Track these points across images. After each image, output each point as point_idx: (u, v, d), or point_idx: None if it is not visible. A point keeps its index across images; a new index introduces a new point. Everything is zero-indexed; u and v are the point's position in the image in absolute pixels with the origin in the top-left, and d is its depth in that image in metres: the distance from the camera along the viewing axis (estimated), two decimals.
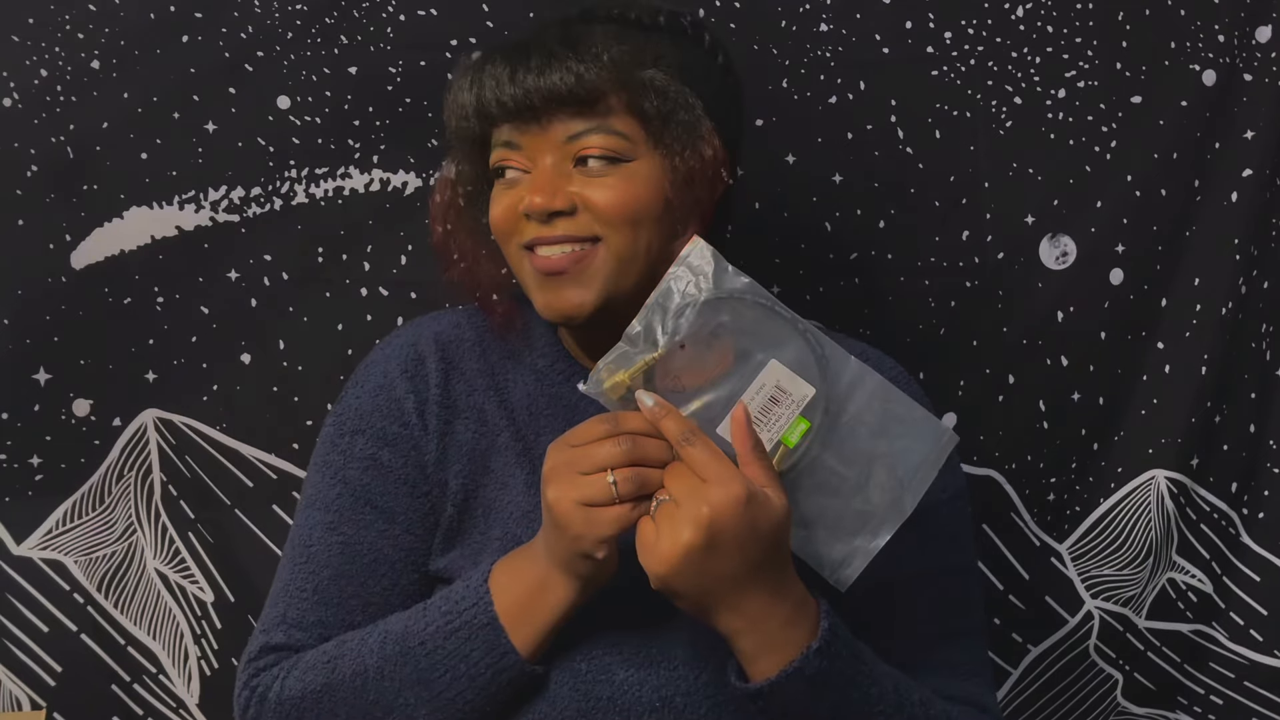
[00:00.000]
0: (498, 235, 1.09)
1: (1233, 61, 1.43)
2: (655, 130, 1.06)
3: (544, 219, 1.04)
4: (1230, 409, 1.47)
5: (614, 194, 1.04)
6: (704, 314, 0.95)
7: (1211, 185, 1.45)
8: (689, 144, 1.06)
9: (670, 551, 0.91)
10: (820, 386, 0.95)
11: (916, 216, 1.43)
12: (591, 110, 1.04)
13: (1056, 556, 1.48)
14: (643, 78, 1.05)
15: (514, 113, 1.05)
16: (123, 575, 1.41)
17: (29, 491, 1.38)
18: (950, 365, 1.45)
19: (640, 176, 1.05)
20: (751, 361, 0.95)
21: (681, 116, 1.06)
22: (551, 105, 1.04)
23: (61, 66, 1.34)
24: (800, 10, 1.40)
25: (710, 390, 0.95)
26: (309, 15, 1.37)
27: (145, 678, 1.42)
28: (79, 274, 1.36)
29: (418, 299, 1.39)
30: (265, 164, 1.37)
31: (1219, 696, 1.50)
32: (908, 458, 0.96)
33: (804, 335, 0.95)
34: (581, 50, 1.04)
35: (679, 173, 1.06)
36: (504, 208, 1.08)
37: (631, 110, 1.05)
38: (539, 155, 1.06)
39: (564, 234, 1.04)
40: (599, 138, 1.04)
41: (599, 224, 1.04)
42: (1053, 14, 1.42)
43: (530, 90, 1.03)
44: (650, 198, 1.06)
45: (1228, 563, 1.49)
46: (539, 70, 1.04)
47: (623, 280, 1.05)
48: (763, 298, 0.96)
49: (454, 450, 1.10)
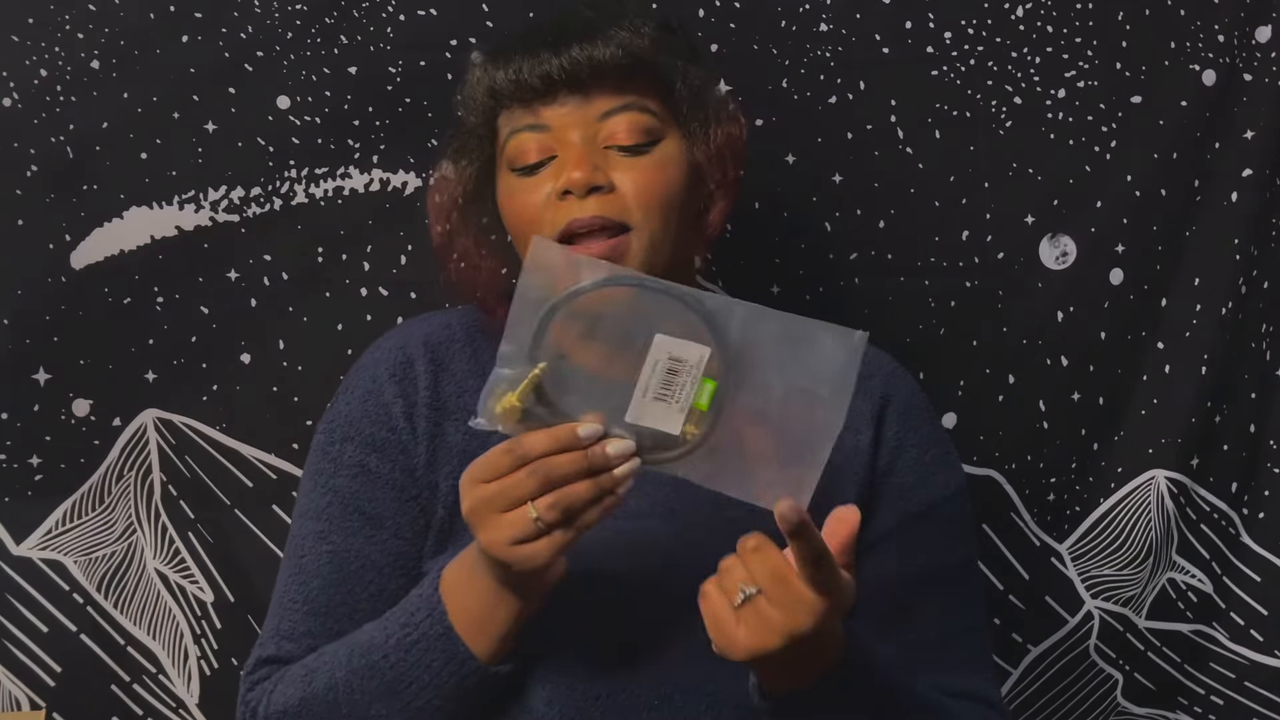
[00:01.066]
0: (520, 228, 1.09)
1: (1233, 61, 1.43)
2: (684, 109, 1.08)
3: (583, 194, 1.04)
4: (1230, 409, 1.47)
5: (646, 178, 1.06)
6: (572, 314, 0.92)
7: (1211, 185, 1.45)
8: (717, 121, 1.09)
9: (750, 647, 0.89)
10: (712, 343, 0.91)
11: (916, 216, 1.43)
12: (628, 85, 1.06)
13: (1056, 556, 1.48)
14: (666, 56, 1.07)
15: (557, 84, 1.05)
16: (122, 575, 1.41)
17: (28, 491, 1.38)
18: (950, 365, 1.45)
19: (670, 159, 1.07)
20: (637, 344, 0.91)
21: (710, 94, 1.09)
22: (596, 75, 1.05)
23: (61, 66, 1.34)
24: (800, 10, 1.40)
25: (608, 384, 0.92)
26: (309, 15, 1.36)
27: (145, 678, 1.42)
28: (79, 274, 1.35)
29: (418, 299, 1.38)
30: (265, 164, 1.37)
31: (1219, 697, 1.50)
32: (824, 375, 0.92)
33: (681, 299, 0.92)
34: (619, 26, 1.06)
35: (711, 150, 1.08)
36: (531, 199, 1.07)
37: (661, 88, 1.07)
38: (568, 134, 1.06)
39: (597, 213, 1.04)
40: (629, 115, 1.06)
41: (632, 208, 1.05)
42: (1053, 14, 1.42)
43: (578, 59, 1.04)
44: (678, 180, 1.07)
45: (1228, 563, 1.49)
46: (585, 41, 1.05)
47: (654, 266, 1.05)
48: (627, 278, 0.93)
49: (444, 452, 1.10)
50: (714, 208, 1.12)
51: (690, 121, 1.09)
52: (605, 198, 1.05)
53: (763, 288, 1.42)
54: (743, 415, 0.92)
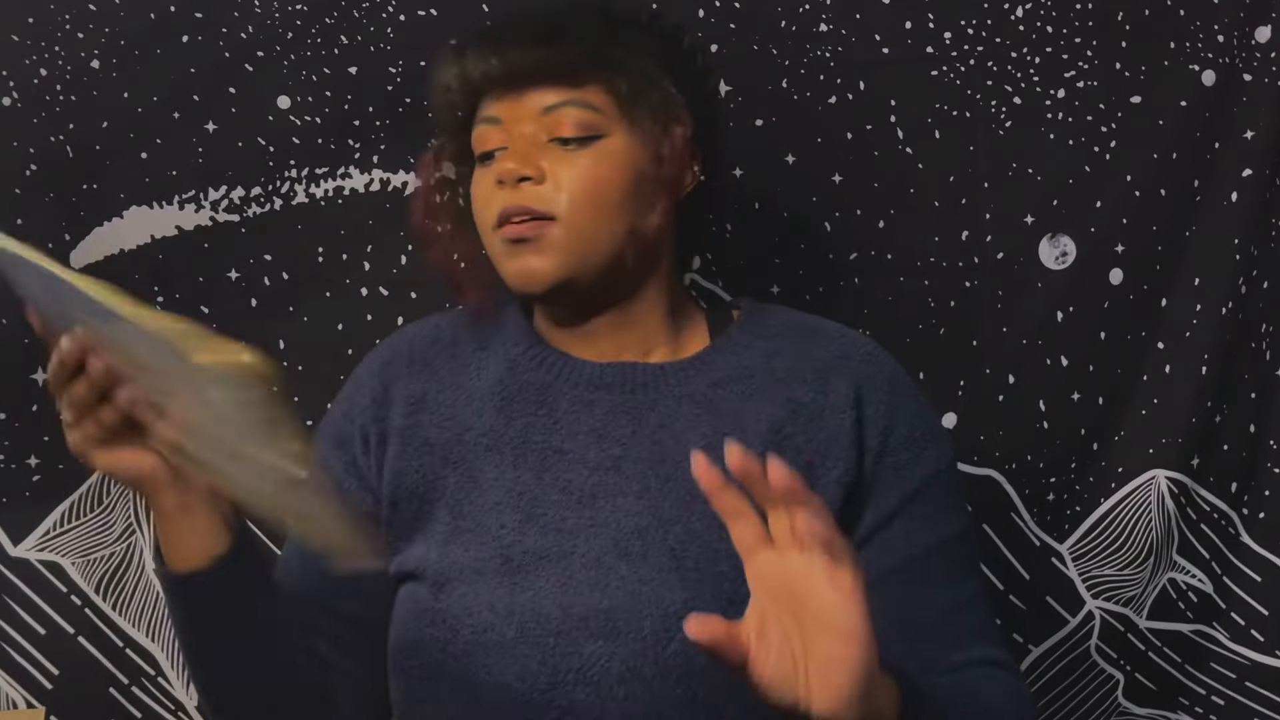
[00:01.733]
0: (477, 218, 1.13)
1: (1233, 61, 1.43)
2: (627, 106, 1.10)
3: (513, 183, 1.08)
4: (1230, 409, 1.47)
5: (581, 173, 1.09)
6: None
7: (1211, 185, 1.45)
8: (660, 122, 1.11)
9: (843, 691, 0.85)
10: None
11: (916, 216, 1.43)
12: (569, 82, 1.09)
13: (1057, 556, 1.48)
14: (617, 55, 1.11)
15: (496, 82, 1.10)
16: (121, 577, 1.41)
17: (26, 493, 1.38)
18: (950, 365, 1.45)
19: (613, 155, 1.10)
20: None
21: (654, 96, 1.12)
22: (533, 76, 1.09)
23: (61, 66, 1.34)
24: (800, 10, 1.40)
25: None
26: (309, 15, 1.37)
27: (144, 680, 1.42)
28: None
29: (418, 299, 1.39)
30: (265, 164, 1.37)
31: (1220, 697, 1.50)
32: None
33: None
34: (563, 27, 1.11)
35: (649, 150, 1.11)
36: (482, 187, 1.12)
37: (605, 85, 1.10)
38: (517, 127, 1.10)
39: (525, 204, 1.08)
40: (573, 111, 1.09)
41: (559, 200, 1.08)
42: (1053, 14, 1.42)
43: (515, 60, 1.09)
44: (619, 177, 1.10)
45: (1228, 563, 1.49)
46: (521, 43, 1.09)
47: (584, 257, 1.09)
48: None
49: (417, 444, 1.13)
50: (655, 208, 1.13)
51: (633, 119, 1.11)
52: (534, 188, 1.09)
53: (763, 288, 1.42)
54: None
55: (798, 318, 1.20)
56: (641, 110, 1.11)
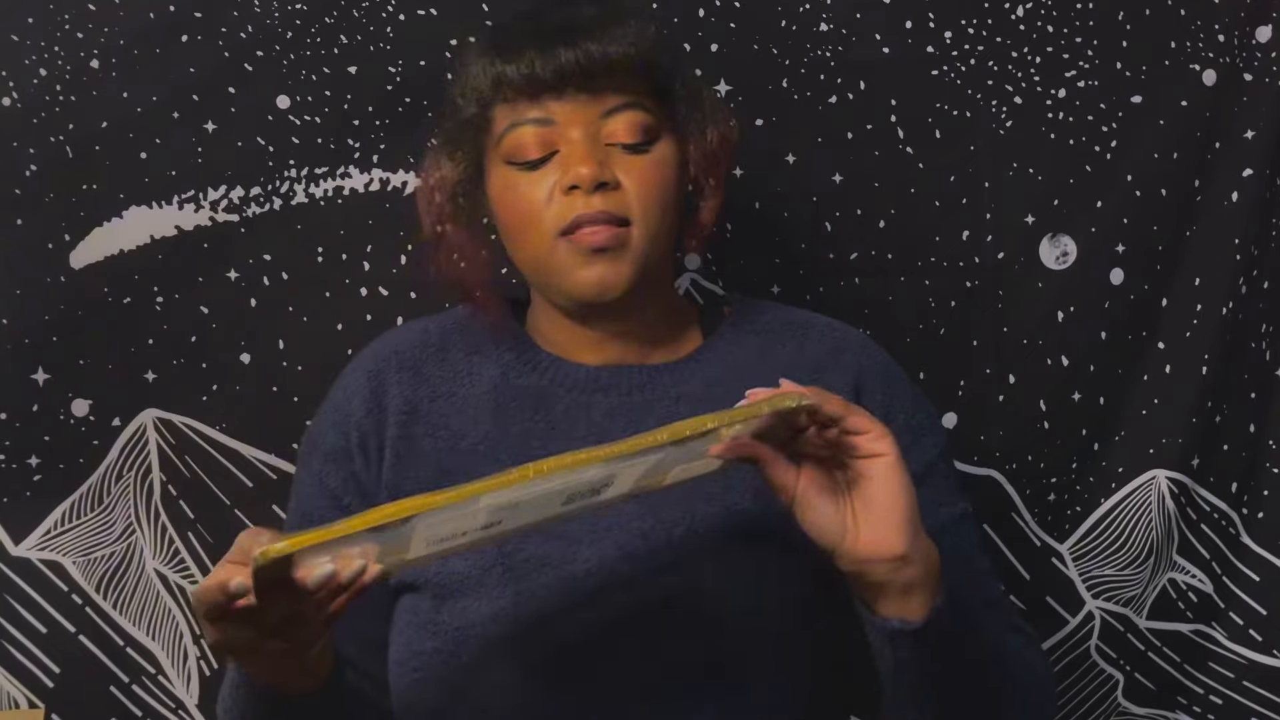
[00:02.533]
0: (516, 225, 1.09)
1: (1233, 61, 1.43)
2: (680, 110, 1.10)
3: (591, 189, 1.05)
4: (1230, 409, 1.47)
5: (646, 175, 1.07)
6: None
7: (1211, 185, 1.45)
8: (709, 125, 1.11)
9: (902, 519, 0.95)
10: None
11: (916, 216, 1.43)
12: (632, 84, 1.07)
13: (1057, 556, 1.48)
14: (663, 58, 1.10)
15: (568, 79, 1.06)
16: (122, 576, 1.41)
17: (27, 492, 1.37)
18: (950, 365, 1.45)
19: (666, 158, 1.09)
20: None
21: (697, 98, 1.11)
22: (607, 73, 1.06)
23: (61, 66, 1.34)
24: (800, 10, 1.40)
25: None
26: (309, 15, 1.36)
27: (144, 678, 1.42)
28: (79, 274, 1.35)
29: (418, 299, 1.38)
30: (265, 164, 1.37)
31: (1219, 696, 1.50)
32: None
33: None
34: (626, 24, 1.08)
35: (707, 150, 1.11)
36: (532, 193, 1.08)
37: (660, 89, 1.09)
38: (570, 130, 1.07)
39: (602, 209, 1.05)
40: (632, 114, 1.07)
41: (634, 205, 1.07)
42: (1053, 14, 1.42)
43: (593, 54, 1.05)
44: (673, 179, 1.10)
45: (1228, 563, 1.49)
46: (597, 36, 1.06)
47: (650, 261, 1.08)
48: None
49: (413, 457, 1.12)
50: (705, 205, 1.14)
51: (687, 122, 1.11)
52: (611, 194, 1.06)
53: (763, 288, 1.42)
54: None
55: (787, 312, 1.20)
56: (686, 113, 1.10)
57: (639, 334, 1.14)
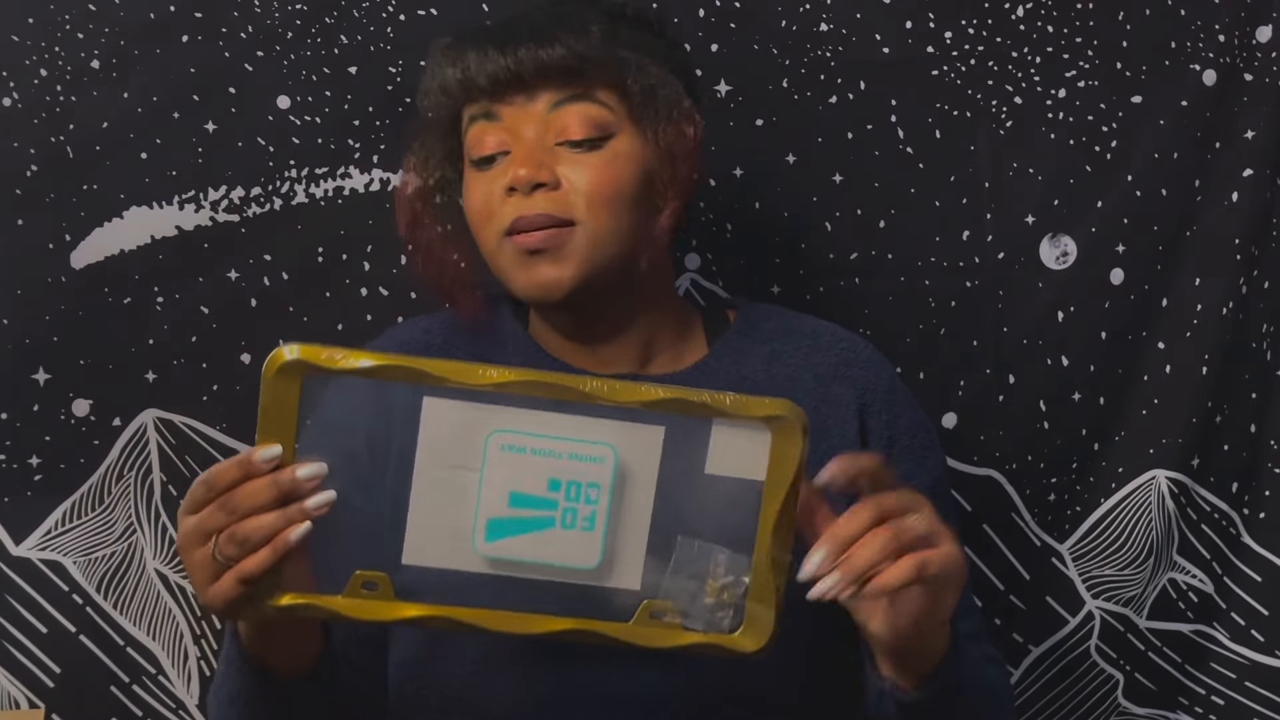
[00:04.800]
0: (475, 224, 1.10)
1: (1233, 61, 1.43)
2: (637, 104, 1.07)
3: (528, 190, 1.05)
4: (1230, 409, 1.47)
5: (595, 174, 1.06)
6: None
7: (1211, 185, 1.44)
8: (670, 119, 1.08)
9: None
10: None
11: (916, 216, 1.43)
12: (576, 80, 1.06)
13: (1057, 556, 1.48)
14: (624, 52, 1.07)
15: (503, 84, 1.06)
16: (122, 576, 1.41)
17: (28, 492, 1.38)
18: (950, 365, 1.45)
19: (621, 155, 1.07)
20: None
21: (663, 92, 1.09)
22: (541, 76, 1.06)
23: (61, 66, 1.34)
24: (800, 10, 1.40)
25: None
26: (309, 15, 1.37)
27: (144, 678, 1.42)
28: (79, 274, 1.36)
29: (418, 299, 1.38)
30: (265, 164, 1.37)
31: (1220, 697, 1.50)
32: None
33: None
34: (566, 25, 1.07)
35: (661, 148, 1.08)
36: (484, 192, 1.08)
37: (614, 84, 1.07)
38: (521, 129, 1.07)
39: (543, 211, 1.05)
40: (581, 107, 1.06)
41: (579, 204, 1.05)
42: (1053, 14, 1.42)
43: (522, 60, 1.05)
44: (630, 177, 1.07)
45: (1228, 563, 1.49)
46: (530, 42, 1.05)
47: (599, 262, 1.06)
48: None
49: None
50: (664, 209, 1.11)
51: (642, 118, 1.09)
52: (551, 194, 1.05)
53: (763, 288, 1.42)
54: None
55: (792, 318, 1.19)
56: (651, 109, 1.08)
57: (636, 341, 1.13)
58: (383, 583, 0.88)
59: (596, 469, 0.87)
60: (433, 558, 0.88)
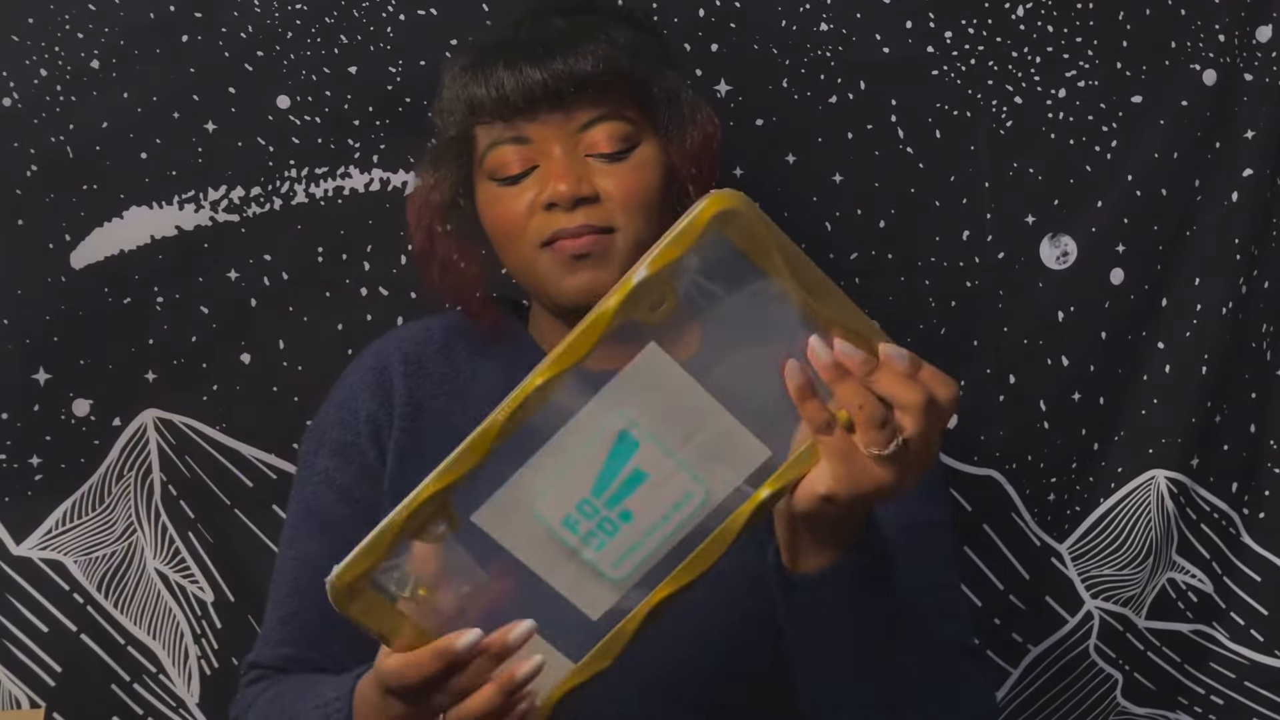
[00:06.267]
0: (504, 238, 1.11)
1: (1233, 61, 1.43)
2: (660, 113, 1.10)
3: (570, 206, 1.06)
4: (1230, 409, 1.47)
5: (628, 182, 1.08)
6: None
7: (1211, 185, 1.44)
8: (692, 123, 1.11)
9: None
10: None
11: (916, 216, 1.43)
12: (607, 95, 1.07)
13: (1057, 556, 1.48)
14: (641, 63, 1.09)
15: (538, 100, 1.06)
16: (122, 575, 1.41)
17: (28, 491, 1.38)
18: (950, 365, 1.44)
19: (647, 161, 1.09)
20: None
21: (682, 97, 1.11)
22: (576, 91, 1.06)
23: (61, 66, 1.34)
24: (800, 10, 1.40)
25: None
26: (309, 15, 1.37)
27: (145, 677, 1.42)
28: (79, 274, 1.36)
29: (418, 299, 1.39)
30: (265, 164, 1.37)
31: (1219, 697, 1.50)
32: None
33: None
34: (595, 36, 1.08)
35: (686, 152, 1.10)
36: (514, 207, 1.09)
37: (637, 95, 1.09)
38: (549, 146, 1.08)
39: (585, 222, 1.06)
40: (609, 125, 1.08)
41: (617, 213, 1.07)
42: (1053, 14, 1.42)
43: (560, 74, 1.05)
44: (657, 181, 1.10)
45: (1228, 563, 1.49)
46: (565, 54, 1.06)
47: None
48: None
49: (414, 454, 1.13)
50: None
51: (667, 124, 1.11)
52: (591, 208, 1.07)
53: None
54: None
55: None
56: (670, 115, 1.11)
57: None
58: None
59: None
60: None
